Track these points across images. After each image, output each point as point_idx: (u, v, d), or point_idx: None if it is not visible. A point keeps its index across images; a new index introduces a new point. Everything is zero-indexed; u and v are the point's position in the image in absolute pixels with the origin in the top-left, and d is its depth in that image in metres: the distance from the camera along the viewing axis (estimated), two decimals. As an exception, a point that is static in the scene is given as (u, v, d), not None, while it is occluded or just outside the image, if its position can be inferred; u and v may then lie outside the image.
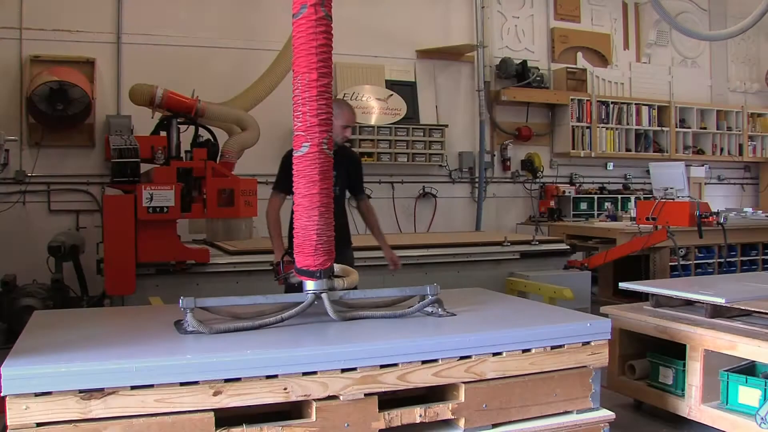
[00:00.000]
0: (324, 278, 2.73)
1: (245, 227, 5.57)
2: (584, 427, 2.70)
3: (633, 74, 9.06)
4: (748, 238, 7.36)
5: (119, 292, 4.54)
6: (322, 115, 2.70)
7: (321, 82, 2.67)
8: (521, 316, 3.08)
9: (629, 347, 3.74)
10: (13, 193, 6.11)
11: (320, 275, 2.72)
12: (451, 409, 2.49)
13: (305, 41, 2.65)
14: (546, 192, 8.33)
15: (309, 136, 2.71)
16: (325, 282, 2.74)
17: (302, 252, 2.75)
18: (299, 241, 2.77)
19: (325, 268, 2.74)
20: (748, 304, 3.29)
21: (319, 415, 2.28)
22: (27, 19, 6.16)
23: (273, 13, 6.89)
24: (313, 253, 2.72)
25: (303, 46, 2.66)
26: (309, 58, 2.65)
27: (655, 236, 5.90)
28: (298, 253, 2.79)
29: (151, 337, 2.48)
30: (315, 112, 2.69)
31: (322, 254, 2.74)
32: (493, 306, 3.26)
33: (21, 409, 1.96)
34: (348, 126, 3.97)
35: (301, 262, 2.76)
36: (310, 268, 2.73)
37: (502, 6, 8.30)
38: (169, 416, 2.11)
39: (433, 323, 2.80)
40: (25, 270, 5.54)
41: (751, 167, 10.09)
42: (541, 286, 5.12)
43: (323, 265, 2.73)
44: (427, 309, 2.86)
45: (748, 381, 3.12)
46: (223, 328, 2.51)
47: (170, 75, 6.25)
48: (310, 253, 2.72)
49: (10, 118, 6.07)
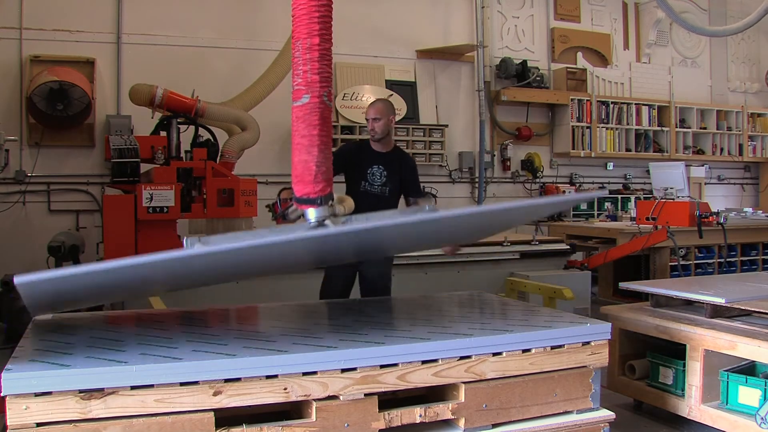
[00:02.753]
0: (325, 204, 2.68)
1: (245, 227, 5.57)
2: (584, 427, 2.70)
3: (633, 74, 9.06)
4: (748, 238, 7.36)
5: (119, 292, 4.53)
6: (324, 73, 2.70)
7: (323, 47, 2.71)
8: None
9: (629, 347, 3.74)
10: (13, 193, 6.12)
11: (321, 202, 2.67)
12: (451, 409, 2.49)
13: (306, 12, 2.68)
14: (546, 192, 8.33)
15: (310, 89, 2.72)
16: (327, 208, 2.68)
17: (301, 181, 2.74)
18: (298, 173, 2.76)
19: (325, 194, 2.71)
20: (748, 304, 3.29)
21: (319, 415, 2.28)
22: (27, 19, 6.16)
23: (273, 13, 6.90)
24: (313, 180, 2.71)
25: (304, 15, 2.69)
26: (310, 26, 2.68)
27: (655, 236, 5.90)
28: (297, 183, 2.79)
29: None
30: (317, 70, 2.70)
31: (321, 181, 2.72)
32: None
33: (21, 409, 1.96)
34: (367, 118, 3.91)
35: (301, 191, 2.75)
36: (310, 196, 2.70)
37: (502, 6, 8.31)
38: (169, 416, 2.10)
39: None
40: (25, 270, 5.51)
41: (751, 167, 10.10)
42: (541, 286, 5.12)
43: (323, 192, 2.70)
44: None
45: (748, 381, 3.12)
46: (222, 241, 2.39)
47: (170, 75, 6.26)
48: (310, 182, 2.71)
49: (10, 118, 6.07)
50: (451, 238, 3.37)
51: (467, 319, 3.16)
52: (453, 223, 2.73)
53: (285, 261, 2.79)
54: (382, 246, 3.07)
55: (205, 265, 2.38)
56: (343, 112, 7.19)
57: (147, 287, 2.78)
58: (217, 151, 5.44)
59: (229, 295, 4.69)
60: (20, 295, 2.19)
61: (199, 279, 2.86)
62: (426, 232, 2.77)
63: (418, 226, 2.60)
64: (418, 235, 2.82)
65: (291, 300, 3.78)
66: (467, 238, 3.88)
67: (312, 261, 3.19)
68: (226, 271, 2.71)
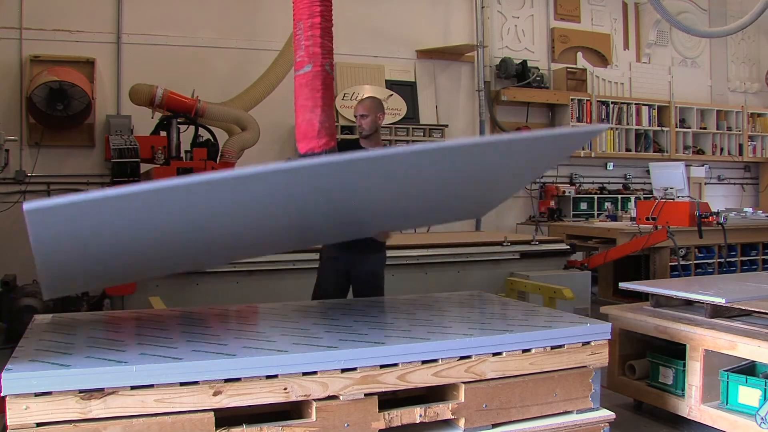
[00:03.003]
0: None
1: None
2: (584, 427, 2.70)
3: (633, 74, 9.06)
4: (748, 238, 7.36)
5: (119, 292, 4.54)
6: (326, 46, 2.78)
7: (324, 25, 2.78)
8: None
9: (629, 347, 3.74)
10: (13, 193, 6.12)
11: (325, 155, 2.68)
12: (451, 409, 2.49)
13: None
14: (546, 192, 8.34)
15: (312, 59, 2.79)
16: None
17: (305, 137, 2.77)
18: (302, 131, 2.78)
19: (329, 147, 2.72)
20: (748, 304, 3.29)
21: (319, 415, 2.28)
22: (27, 19, 6.16)
23: (273, 13, 6.90)
24: (317, 135, 2.73)
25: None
26: (312, 8, 2.74)
27: (655, 236, 5.90)
28: (301, 141, 2.80)
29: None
30: (318, 44, 2.79)
31: (324, 136, 2.75)
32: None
33: (21, 409, 1.96)
34: (356, 115, 3.90)
35: (305, 147, 2.76)
36: (314, 150, 2.72)
37: (502, 6, 8.31)
38: (169, 416, 2.10)
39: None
40: (25, 270, 5.53)
41: (751, 167, 10.10)
42: (541, 286, 5.12)
43: (327, 145, 2.72)
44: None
45: (748, 381, 3.12)
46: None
47: (170, 75, 6.27)
48: (314, 137, 2.74)
49: (10, 118, 6.07)
50: (444, 198, 3.00)
51: (467, 319, 3.16)
52: (441, 164, 2.43)
53: (267, 215, 2.53)
54: (367, 205, 2.79)
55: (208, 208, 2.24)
56: (343, 112, 7.19)
57: (160, 241, 2.56)
58: (217, 151, 5.45)
59: (230, 295, 4.69)
60: (30, 231, 2.07)
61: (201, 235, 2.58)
62: (410, 179, 2.53)
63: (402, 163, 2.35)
64: (404, 181, 2.54)
65: (291, 300, 3.78)
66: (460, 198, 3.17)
67: (296, 225, 2.85)
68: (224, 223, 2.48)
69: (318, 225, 2.92)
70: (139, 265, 2.86)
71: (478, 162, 2.51)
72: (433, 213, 3.38)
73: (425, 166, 2.39)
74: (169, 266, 3.20)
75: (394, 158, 2.31)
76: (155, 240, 2.44)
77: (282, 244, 3.30)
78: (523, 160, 2.68)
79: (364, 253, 3.77)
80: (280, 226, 2.72)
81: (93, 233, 2.21)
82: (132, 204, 2.04)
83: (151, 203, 2.06)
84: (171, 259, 2.85)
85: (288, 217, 2.57)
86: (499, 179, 2.89)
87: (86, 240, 2.26)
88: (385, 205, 2.86)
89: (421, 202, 2.97)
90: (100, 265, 2.60)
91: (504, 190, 3.23)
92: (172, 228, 2.35)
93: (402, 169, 2.38)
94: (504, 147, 2.56)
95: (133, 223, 2.23)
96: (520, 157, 2.64)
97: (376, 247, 3.83)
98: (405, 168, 2.38)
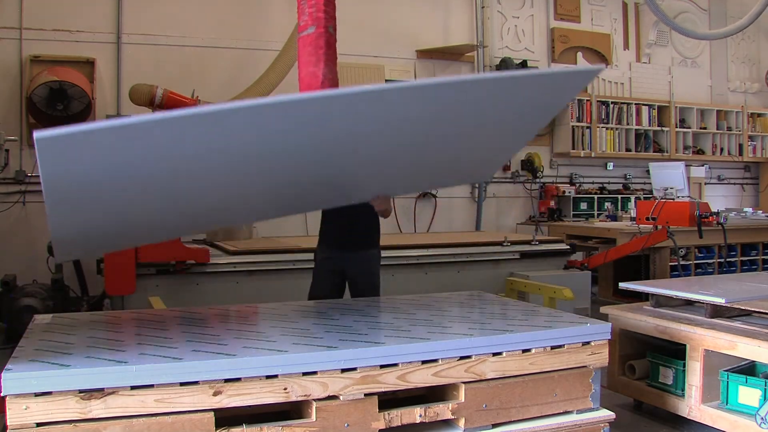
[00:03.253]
0: None
1: (245, 227, 5.58)
2: (584, 427, 2.70)
3: (633, 74, 9.06)
4: (748, 238, 7.36)
5: (119, 292, 4.54)
6: (329, 11, 2.87)
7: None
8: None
9: (629, 347, 3.74)
10: (13, 193, 6.11)
11: None
12: (451, 409, 2.49)
13: None
14: (546, 192, 8.34)
15: (316, 22, 2.88)
16: None
17: (309, 88, 2.86)
18: (305, 84, 2.87)
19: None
20: (748, 304, 3.30)
21: (319, 415, 2.28)
22: (27, 19, 6.16)
23: (273, 13, 6.90)
24: (320, 86, 2.79)
25: None
26: None
27: (655, 236, 5.90)
28: (310, 75, 2.92)
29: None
30: (322, 9, 2.89)
31: (328, 86, 2.86)
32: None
33: (21, 409, 1.96)
34: None
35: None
36: None
37: (502, 6, 8.31)
38: (169, 416, 2.10)
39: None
40: (25, 270, 5.55)
41: (751, 167, 10.10)
42: (541, 286, 5.12)
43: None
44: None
45: (748, 381, 3.12)
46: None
47: (170, 75, 6.27)
48: (317, 87, 2.80)
49: (10, 118, 6.07)
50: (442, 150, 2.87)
51: (467, 319, 3.17)
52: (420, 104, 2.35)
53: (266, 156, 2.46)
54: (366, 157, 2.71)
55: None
56: (343, 112, 7.18)
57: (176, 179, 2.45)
58: (217, 151, 5.43)
59: (230, 295, 4.70)
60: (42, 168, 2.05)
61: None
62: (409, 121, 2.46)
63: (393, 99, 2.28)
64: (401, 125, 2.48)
65: (291, 300, 3.78)
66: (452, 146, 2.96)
67: (294, 181, 2.79)
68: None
69: (314, 183, 2.87)
70: (152, 218, 2.80)
71: (468, 101, 2.42)
72: (434, 174, 3.25)
73: (421, 104, 2.33)
74: (180, 223, 3.11)
75: (385, 93, 2.25)
76: (168, 185, 2.44)
77: (282, 204, 3.18)
78: (515, 105, 2.59)
79: (357, 251, 3.78)
80: (278, 181, 2.67)
81: (105, 172, 2.19)
82: (146, 134, 2.03)
83: (165, 133, 2.06)
84: (181, 211, 2.80)
85: (286, 167, 2.53)
86: (495, 130, 2.80)
87: (98, 179, 2.23)
88: (380, 160, 2.78)
89: (419, 158, 2.89)
90: (113, 214, 2.57)
91: (502, 145, 3.11)
92: (181, 168, 2.33)
93: (395, 109, 2.31)
94: (491, 84, 2.50)
95: (146, 161, 2.20)
96: (512, 102, 2.55)
97: (369, 244, 3.84)
98: (398, 108, 2.30)
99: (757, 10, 5.66)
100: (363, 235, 3.82)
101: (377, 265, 3.92)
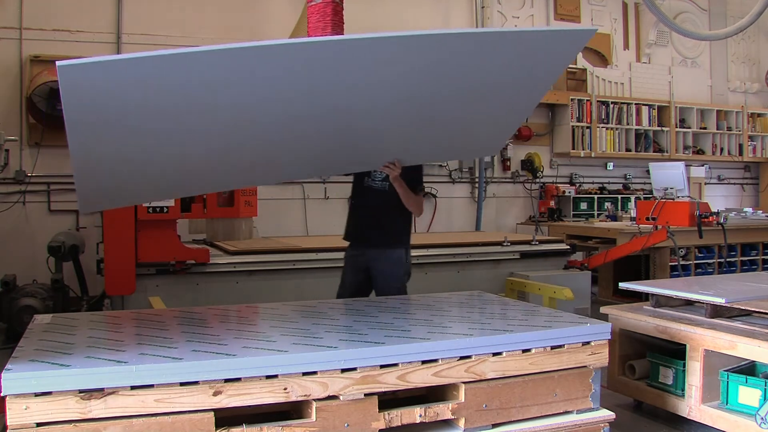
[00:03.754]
0: None
1: (245, 227, 5.58)
2: (584, 427, 2.70)
3: (633, 74, 9.06)
4: (748, 238, 7.36)
5: (119, 292, 4.55)
6: None
7: None
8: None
9: (629, 347, 3.74)
10: (13, 193, 6.12)
11: None
12: (451, 409, 2.49)
13: None
14: (546, 192, 8.34)
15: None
16: None
17: (318, 29, 3.13)
18: (318, 35, 3.13)
19: None
20: (748, 304, 3.29)
21: (319, 415, 2.28)
22: (27, 19, 6.17)
23: (273, 13, 6.90)
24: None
25: None
26: None
27: (655, 236, 5.90)
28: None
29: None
30: None
31: None
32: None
33: (21, 409, 1.96)
34: None
35: None
36: None
37: (502, 6, 8.31)
38: (169, 416, 2.10)
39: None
40: (25, 270, 5.55)
41: (751, 167, 10.10)
42: (541, 286, 5.12)
43: None
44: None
45: (748, 381, 3.12)
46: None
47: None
48: (327, 32, 2.95)
49: (10, 118, 6.08)
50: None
51: (467, 319, 3.17)
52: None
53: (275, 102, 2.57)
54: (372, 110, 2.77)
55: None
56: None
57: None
58: (217, 151, 5.43)
59: (230, 295, 4.70)
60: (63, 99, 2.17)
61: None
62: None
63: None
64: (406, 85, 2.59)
65: (291, 300, 3.78)
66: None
67: (304, 138, 2.87)
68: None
69: (330, 140, 2.93)
70: (173, 166, 2.84)
71: (465, 54, 2.49)
72: (440, 142, 3.29)
73: (420, 56, 2.42)
74: (201, 177, 3.14)
75: (385, 42, 2.36)
76: (188, 131, 2.53)
77: (294, 166, 3.26)
78: (512, 66, 2.64)
79: (383, 249, 3.78)
80: (293, 135, 2.75)
81: (126, 109, 2.29)
82: (168, 71, 2.20)
83: (186, 72, 2.21)
84: (202, 162, 2.85)
85: (300, 115, 2.63)
86: (494, 95, 2.82)
87: (118, 117, 2.32)
88: (387, 118, 2.83)
89: (424, 120, 2.93)
90: (136, 159, 2.62)
91: (505, 117, 3.15)
92: (202, 113, 2.44)
93: (397, 59, 2.40)
94: (486, 37, 2.60)
95: (166, 100, 2.32)
96: (508, 62, 2.60)
97: (394, 242, 3.82)
98: (400, 58, 2.40)
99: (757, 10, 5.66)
100: (388, 232, 3.80)
101: (401, 266, 3.85)
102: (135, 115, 2.33)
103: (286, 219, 7.02)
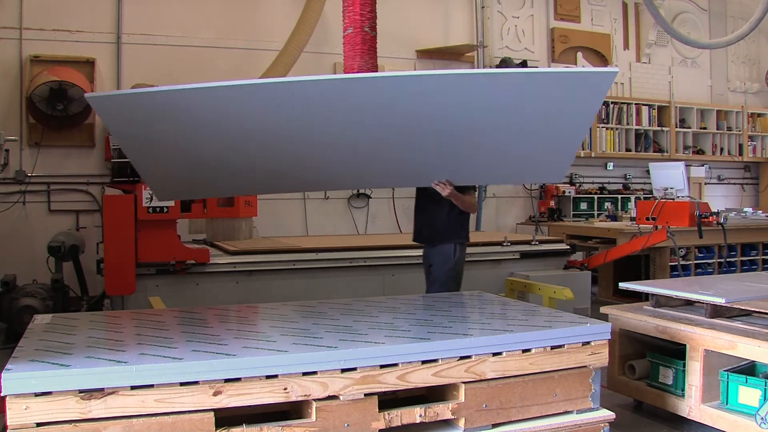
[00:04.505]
0: None
1: (245, 227, 5.58)
2: (584, 427, 2.70)
3: (633, 74, 9.06)
4: (748, 238, 7.36)
5: (119, 292, 4.55)
6: (365, 12, 3.66)
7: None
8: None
9: (629, 347, 3.74)
10: (13, 193, 6.12)
11: None
12: (451, 409, 2.49)
13: None
14: (546, 192, 8.33)
15: (353, 24, 3.63)
16: None
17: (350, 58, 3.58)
18: (348, 63, 3.61)
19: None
20: (748, 304, 3.29)
21: (319, 415, 2.28)
22: (27, 19, 6.16)
23: (273, 13, 6.91)
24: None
25: None
26: None
27: (655, 236, 5.90)
28: (348, 68, 3.60)
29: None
30: (358, 11, 3.64)
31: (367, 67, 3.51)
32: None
33: (21, 409, 1.96)
34: None
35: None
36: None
37: (502, 6, 8.31)
38: (169, 416, 2.11)
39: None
40: (25, 270, 5.54)
41: (751, 167, 10.10)
42: (541, 286, 5.12)
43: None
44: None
45: (748, 381, 3.12)
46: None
47: (170, 75, 6.26)
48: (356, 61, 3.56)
49: (10, 118, 6.07)
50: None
51: (467, 319, 3.17)
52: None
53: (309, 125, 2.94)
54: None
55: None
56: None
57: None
58: (217, 151, 5.42)
59: (230, 295, 4.70)
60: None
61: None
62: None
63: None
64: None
65: (291, 300, 3.78)
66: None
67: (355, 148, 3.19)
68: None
69: (386, 159, 3.26)
70: (229, 171, 3.21)
71: (497, 92, 2.83)
72: (491, 166, 3.49)
73: (458, 93, 2.82)
74: (258, 180, 3.49)
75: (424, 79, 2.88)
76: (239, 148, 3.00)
77: (344, 176, 3.55)
78: (545, 102, 2.91)
79: (436, 245, 3.99)
80: (340, 145, 3.10)
81: (160, 131, 2.83)
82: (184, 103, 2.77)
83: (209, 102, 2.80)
84: (257, 169, 3.24)
85: (358, 138, 3.05)
86: (532, 128, 3.05)
87: (153, 136, 2.86)
88: (434, 143, 3.14)
89: (469, 147, 3.21)
90: (185, 165, 3.07)
91: (551, 148, 3.27)
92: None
93: (428, 95, 2.80)
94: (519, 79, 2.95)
95: (189, 128, 2.86)
96: (542, 98, 2.88)
97: (446, 238, 3.97)
98: (434, 94, 2.80)
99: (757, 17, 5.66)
100: (440, 229, 3.97)
101: (452, 260, 3.98)
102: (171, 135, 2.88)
103: (286, 219, 7.02)
